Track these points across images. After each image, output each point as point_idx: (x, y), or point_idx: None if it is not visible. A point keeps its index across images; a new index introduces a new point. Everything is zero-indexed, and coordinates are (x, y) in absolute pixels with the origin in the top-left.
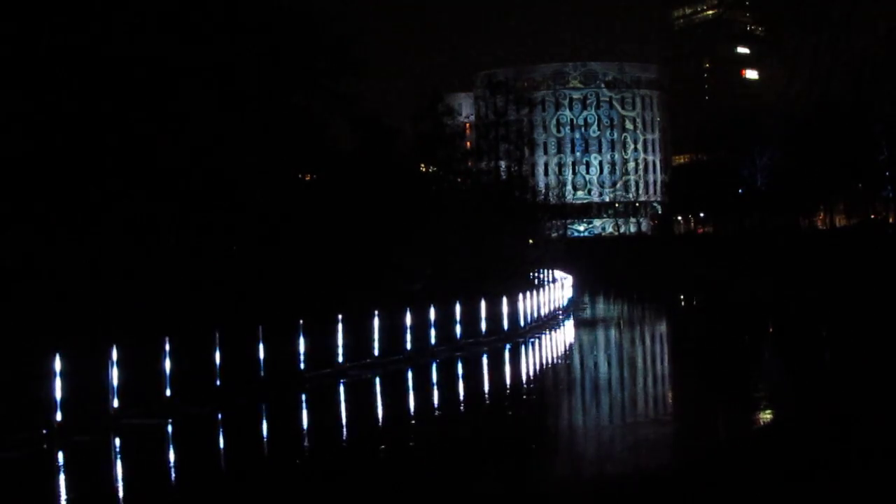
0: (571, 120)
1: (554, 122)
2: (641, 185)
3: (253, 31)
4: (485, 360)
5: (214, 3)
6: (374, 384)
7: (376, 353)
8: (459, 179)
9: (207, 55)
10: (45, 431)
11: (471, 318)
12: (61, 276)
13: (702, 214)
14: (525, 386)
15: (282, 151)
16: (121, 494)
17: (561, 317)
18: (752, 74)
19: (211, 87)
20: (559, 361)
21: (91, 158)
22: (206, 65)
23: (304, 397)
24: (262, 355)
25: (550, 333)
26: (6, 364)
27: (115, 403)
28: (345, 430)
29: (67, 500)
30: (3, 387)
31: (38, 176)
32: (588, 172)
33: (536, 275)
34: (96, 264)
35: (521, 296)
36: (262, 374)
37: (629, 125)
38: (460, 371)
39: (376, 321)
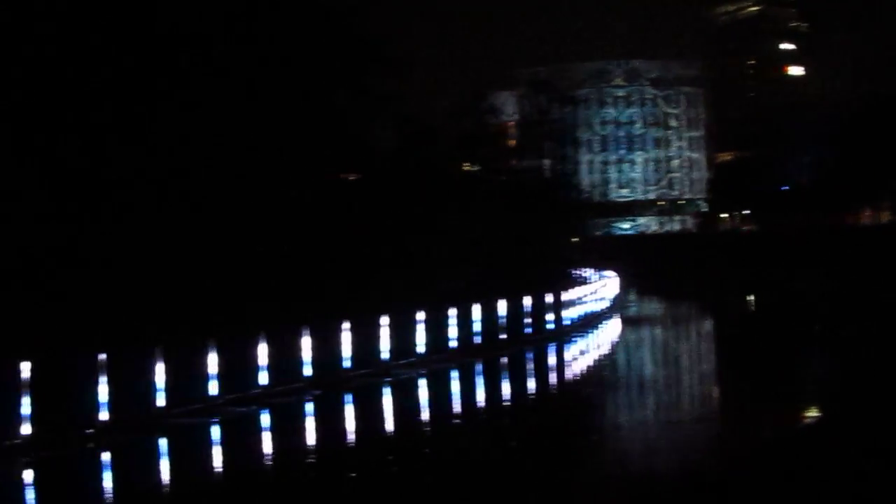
0: (615, 118)
1: (597, 119)
2: (685, 183)
3: (294, 31)
4: (529, 360)
5: (255, 3)
6: (419, 384)
7: (421, 352)
8: (503, 178)
9: (248, 55)
10: (89, 431)
11: (515, 317)
12: (106, 276)
13: (746, 212)
14: (569, 385)
15: (323, 151)
16: (165, 493)
17: (606, 315)
18: (796, 71)
19: (250, 86)
20: (604, 361)
21: (129, 159)
22: (247, 64)
23: (349, 397)
24: (305, 354)
25: (595, 332)
26: (51, 363)
27: (160, 403)
28: (392, 429)
29: (112, 499)
30: (48, 386)
31: (85, 177)
32: (632, 170)
33: (581, 273)
34: (139, 265)
35: (565, 294)
36: (306, 373)
37: (673, 122)
38: (505, 370)
39: (420, 321)
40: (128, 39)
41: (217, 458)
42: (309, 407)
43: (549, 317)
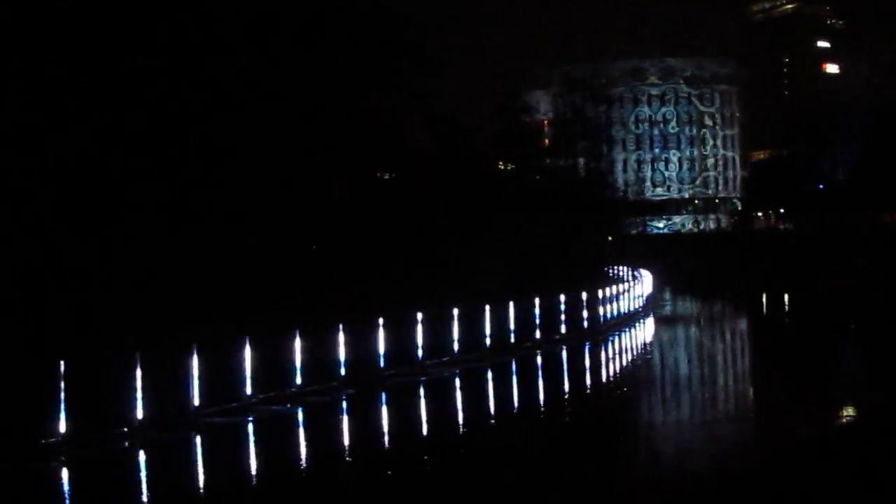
0: (650, 116)
1: (632, 118)
2: (720, 181)
3: (328, 30)
4: (564, 358)
5: (288, 2)
6: (454, 382)
7: (455, 351)
8: (538, 177)
9: (281, 55)
10: (125, 430)
11: (550, 315)
12: (141, 273)
13: (781, 210)
14: (605, 384)
15: (358, 150)
16: (201, 493)
17: (640, 314)
18: (832, 68)
19: (284, 85)
20: (640, 359)
21: (177, 161)
22: (280, 64)
23: (384, 395)
24: (341, 354)
25: (630, 331)
26: (86, 362)
27: (196, 402)
28: (428, 428)
29: (147, 498)
30: (84, 385)
31: (118, 178)
32: (667, 169)
33: (615, 272)
34: (174, 264)
35: (600, 293)
36: (342, 372)
37: (708, 121)
38: (540, 369)
39: (455, 318)
40: (162, 42)
41: (253, 458)
42: (344, 406)
43: (584, 315)
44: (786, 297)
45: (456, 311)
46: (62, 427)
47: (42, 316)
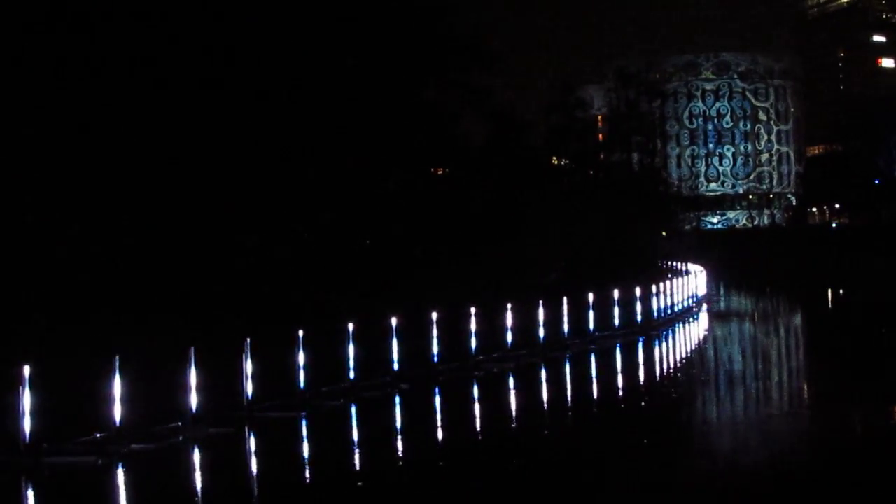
0: (704, 111)
1: (686, 113)
2: (775, 177)
3: (385, 25)
4: (618, 354)
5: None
6: (508, 378)
7: (509, 346)
8: (592, 172)
9: (338, 50)
10: (179, 424)
11: (604, 310)
12: (195, 270)
13: (837, 206)
14: (660, 380)
15: (413, 145)
16: (254, 487)
17: (695, 309)
18: (888, 63)
19: (340, 80)
20: (694, 355)
21: (229, 163)
22: (336, 59)
23: (438, 390)
24: (394, 348)
25: (684, 326)
26: (141, 357)
27: (249, 396)
28: (482, 424)
29: (201, 491)
30: (138, 379)
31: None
32: (721, 164)
33: (669, 267)
34: (229, 259)
35: (654, 288)
36: (395, 367)
37: (762, 116)
38: (594, 364)
39: (508, 314)
40: (221, 41)
41: (306, 453)
42: (398, 401)
43: (638, 310)
44: (840, 292)
45: (509, 306)
46: (116, 421)
47: (96, 310)
